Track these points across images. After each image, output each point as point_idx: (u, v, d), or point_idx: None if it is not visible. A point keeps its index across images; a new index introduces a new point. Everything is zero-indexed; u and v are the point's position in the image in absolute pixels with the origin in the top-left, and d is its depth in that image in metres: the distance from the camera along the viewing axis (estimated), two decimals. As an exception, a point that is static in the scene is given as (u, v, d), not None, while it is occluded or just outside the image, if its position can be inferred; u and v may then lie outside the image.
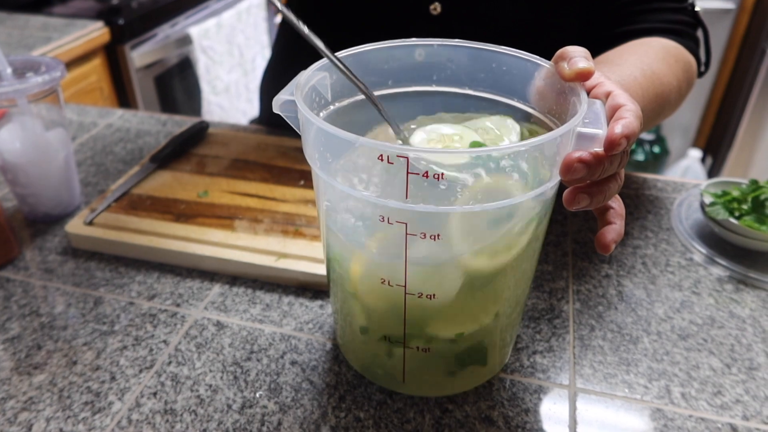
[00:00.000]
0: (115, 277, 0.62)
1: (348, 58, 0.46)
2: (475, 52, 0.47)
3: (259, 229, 0.64)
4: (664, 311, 0.58)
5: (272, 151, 0.79)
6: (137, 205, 0.69)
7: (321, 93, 0.45)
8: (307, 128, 0.39)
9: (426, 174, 0.34)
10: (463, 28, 0.72)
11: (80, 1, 1.77)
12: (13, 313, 0.58)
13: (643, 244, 0.67)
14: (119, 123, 0.93)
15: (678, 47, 0.67)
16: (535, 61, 0.45)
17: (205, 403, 0.49)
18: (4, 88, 0.60)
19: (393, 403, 0.49)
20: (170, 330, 0.56)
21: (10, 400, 0.49)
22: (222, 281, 0.61)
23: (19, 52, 1.37)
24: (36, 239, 0.67)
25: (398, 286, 0.41)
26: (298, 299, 0.59)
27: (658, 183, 0.78)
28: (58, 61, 0.65)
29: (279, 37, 0.96)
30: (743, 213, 0.64)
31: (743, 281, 0.62)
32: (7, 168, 0.66)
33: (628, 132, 0.36)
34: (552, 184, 0.39)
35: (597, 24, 0.72)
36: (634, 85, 0.55)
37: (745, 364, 0.52)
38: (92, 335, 0.55)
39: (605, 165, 0.37)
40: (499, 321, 0.46)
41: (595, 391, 0.50)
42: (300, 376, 0.51)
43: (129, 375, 0.51)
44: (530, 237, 0.42)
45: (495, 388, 0.50)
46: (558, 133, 0.35)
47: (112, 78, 1.65)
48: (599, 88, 0.41)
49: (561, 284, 0.61)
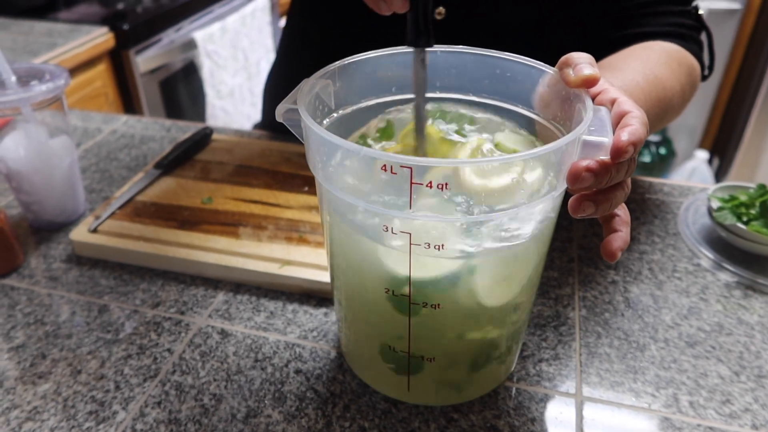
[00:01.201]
0: (119, 285, 0.62)
1: (351, 65, 0.46)
2: (479, 58, 0.47)
3: (263, 236, 0.64)
4: (671, 318, 0.57)
5: (276, 157, 0.79)
6: (141, 212, 0.69)
7: (324, 101, 0.45)
8: (309, 137, 0.39)
9: (430, 184, 0.34)
10: (467, 34, 0.72)
11: (85, 6, 1.78)
12: (17, 322, 0.57)
13: (649, 250, 0.66)
14: (123, 129, 0.93)
15: (681, 51, 0.66)
16: (539, 68, 0.44)
17: (209, 413, 0.48)
18: (9, 97, 0.60)
19: (398, 413, 0.48)
20: (174, 338, 0.55)
21: (15, 409, 0.49)
22: (226, 288, 0.61)
23: (24, 58, 1.37)
24: (40, 247, 0.67)
25: (402, 295, 0.40)
26: (303, 307, 0.59)
27: (664, 187, 0.77)
28: (62, 68, 0.65)
29: (283, 41, 0.96)
30: (751, 218, 0.64)
31: (751, 287, 0.61)
32: (11, 176, 0.66)
33: (634, 139, 0.36)
34: (558, 192, 0.38)
35: (600, 27, 0.72)
36: (637, 90, 0.55)
37: (754, 372, 0.52)
38: (96, 344, 0.55)
39: (612, 173, 0.37)
40: (504, 329, 0.46)
41: (602, 399, 0.49)
42: (304, 385, 0.51)
43: (133, 384, 0.51)
44: (537, 245, 0.41)
45: (501, 397, 0.49)
46: (563, 142, 0.35)
47: (117, 83, 1.66)
48: (604, 94, 0.41)
49: (567, 291, 0.61)
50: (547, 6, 0.72)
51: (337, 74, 0.45)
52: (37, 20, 1.63)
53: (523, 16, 0.72)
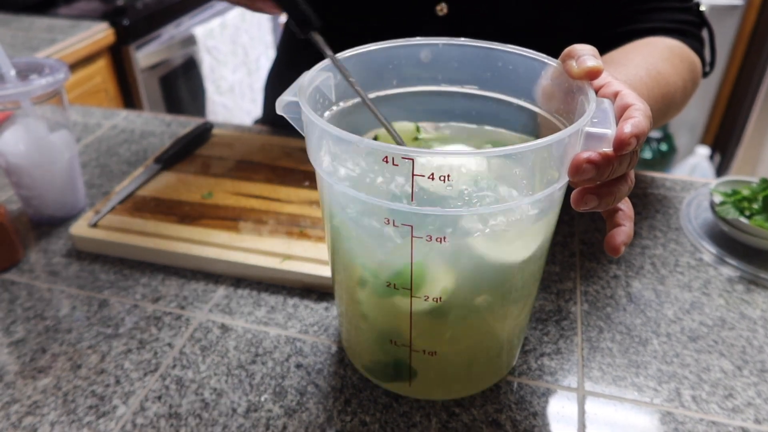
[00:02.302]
0: (119, 280, 0.62)
1: (352, 58, 0.46)
2: (481, 51, 0.47)
3: (264, 231, 0.64)
4: (673, 312, 0.57)
5: (276, 152, 0.79)
6: (142, 207, 0.68)
7: (325, 94, 0.45)
8: (310, 130, 0.39)
9: (432, 176, 0.34)
10: (469, 29, 0.72)
11: (85, 2, 1.77)
12: (17, 316, 0.57)
13: (651, 244, 0.66)
14: (124, 124, 0.92)
15: (683, 47, 0.66)
16: (542, 60, 0.44)
17: (209, 407, 0.48)
18: (8, 91, 0.60)
19: (399, 407, 0.48)
20: (175, 333, 0.55)
21: (15, 404, 0.49)
22: (227, 283, 0.61)
23: (24, 53, 1.37)
24: (40, 242, 0.67)
25: (404, 288, 0.40)
26: (303, 301, 0.58)
27: (666, 182, 0.77)
28: (62, 62, 0.65)
29: (283, 37, 0.95)
30: (753, 212, 0.63)
31: (754, 281, 0.61)
32: (11, 170, 0.66)
33: (637, 131, 0.36)
34: (560, 184, 0.38)
35: (602, 23, 0.72)
36: (640, 85, 0.55)
37: (756, 366, 0.52)
38: (97, 338, 0.55)
39: (614, 165, 0.37)
40: (506, 323, 0.45)
41: (604, 394, 0.49)
42: (305, 379, 0.51)
43: (133, 378, 0.51)
44: (539, 237, 0.41)
45: (502, 392, 0.49)
46: (566, 133, 0.35)
47: (117, 79, 1.65)
48: (607, 87, 0.40)
49: (569, 285, 0.60)
50: (548, 3, 0.71)
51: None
52: (38, 16, 1.63)
53: (525, 14, 0.72)
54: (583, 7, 0.72)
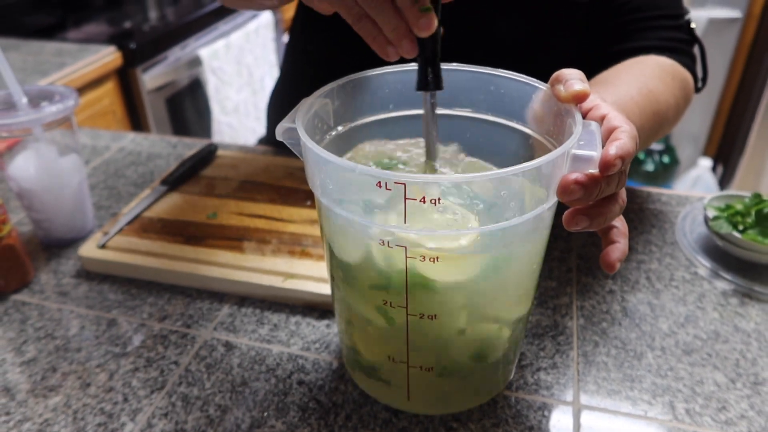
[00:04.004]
0: (127, 299, 0.63)
1: (349, 83, 0.48)
2: (474, 75, 0.49)
3: (267, 250, 0.65)
4: (668, 326, 0.58)
5: (279, 172, 0.81)
6: (148, 227, 0.70)
7: (323, 119, 0.47)
8: (307, 155, 0.40)
9: (423, 199, 0.35)
10: (463, 50, 0.73)
11: (93, 25, 1.81)
12: (29, 336, 0.59)
13: (647, 259, 0.67)
14: (131, 146, 0.95)
15: (674, 64, 0.68)
16: (532, 84, 0.46)
17: (214, 424, 0.50)
18: (21, 118, 0.62)
19: (398, 422, 0.49)
20: (181, 351, 0.57)
21: (27, 422, 0.50)
22: (231, 302, 0.62)
23: (34, 77, 1.40)
24: (50, 263, 0.69)
25: (400, 307, 0.42)
26: (305, 319, 0.60)
27: (662, 197, 0.78)
28: (72, 89, 0.67)
29: (286, 58, 0.98)
30: (747, 226, 0.64)
31: (748, 295, 0.62)
32: (22, 194, 0.68)
33: (622, 153, 0.37)
34: (548, 205, 0.39)
35: (593, 43, 0.73)
36: (631, 104, 0.56)
37: (750, 379, 0.53)
38: (105, 357, 0.56)
39: (602, 186, 0.38)
40: (502, 339, 0.47)
41: (599, 407, 0.50)
42: (307, 395, 0.52)
43: (141, 396, 0.52)
44: (529, 257, 0.42)
45: (499, 406, 0.50)
46: (552, 156, 0.36)
47: (125, 101, 1.68)
48: (595, 110, 0.42)
49: (565, 300, 0.62)
50: (541, 23, 0.73)
51: (335, 93, 0.47)
52: (47, 40, 1.67)
53: (518, 33, 0.73)
54: (575, 28, 0.74)
